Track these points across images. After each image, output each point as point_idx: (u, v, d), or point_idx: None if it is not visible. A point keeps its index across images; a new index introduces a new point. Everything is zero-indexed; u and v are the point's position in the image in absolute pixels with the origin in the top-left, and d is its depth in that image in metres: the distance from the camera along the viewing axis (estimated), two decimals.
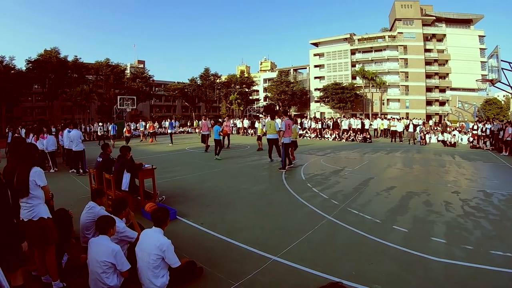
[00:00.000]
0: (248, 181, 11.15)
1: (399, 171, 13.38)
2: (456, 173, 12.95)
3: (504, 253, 5.28)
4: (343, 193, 9.31)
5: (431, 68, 68.57)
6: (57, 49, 51.80)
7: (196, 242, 5.83)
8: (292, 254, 5.27)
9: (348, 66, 74.18)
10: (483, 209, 7.84)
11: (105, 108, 54.74)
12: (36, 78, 50.79)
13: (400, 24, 69.41)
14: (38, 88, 55.69)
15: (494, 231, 6.40)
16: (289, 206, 8.14)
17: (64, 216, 5.04)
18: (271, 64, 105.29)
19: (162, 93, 78.47)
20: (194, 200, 8.63)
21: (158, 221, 4.35)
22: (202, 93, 71.44)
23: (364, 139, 26.91)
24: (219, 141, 16.39)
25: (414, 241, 5.80)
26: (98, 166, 8.42)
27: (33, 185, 4.02)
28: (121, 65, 62.03)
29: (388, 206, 8.09)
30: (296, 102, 75.05)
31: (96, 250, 4.13)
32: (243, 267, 4.82)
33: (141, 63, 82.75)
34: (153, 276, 4.08)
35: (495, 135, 21.37)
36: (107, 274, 4.03)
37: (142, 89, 62.18)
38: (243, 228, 6.55)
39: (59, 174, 13.02)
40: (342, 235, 6.17)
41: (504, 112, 60.89)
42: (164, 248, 4.10)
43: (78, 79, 54.84)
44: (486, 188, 10.10)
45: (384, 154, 18.71)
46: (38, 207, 4.10)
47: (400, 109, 66.61)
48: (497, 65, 19.52)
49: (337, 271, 4.70)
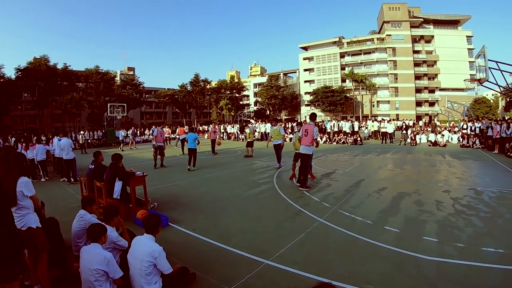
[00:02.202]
0: (240, 186, 11.13)
1: (390, 172, 13.46)
2: (447, 172, 13.07)
3: (496, 250, 5.34)
4: (334, 196, 9.35)
5: (420, 69, 69.23)
6: (46, 57, 51.61)
7: (188, 248, 5.82)
8: (284, 257, 5.27)
9: (338, 69, 74.61)
10: (474, 207, 7.92)
11: (96, 115, 54.42)
12: (25, 86, 50.44)
13: (388, 26, 70.06)
14: (28, 97, 55.28)
15: (485, 228, 6.47)
16: (281, 210, 8.15)
17: (51, 226, 5.00)
18: (261, 69, 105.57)
19: (153, 100, 78.36)
20: (186, 206, 8.60)
21: (149, 228, 4.33)
22: (192, 99, 71.48)
23: (355, 141, 27.04)
24: (194, 151, 14.73)
25: (406, 240, 5.84)
26: (90, 173, 8.37)
27: (21, 195, 3.98)
28: (111, 72, 61.86)
29: (379, 207, 8.14)
30: (286, 106, 75.24)
31: (88, 258, 4.09)
32: (236, 272, 4.82)
33: (131, 70, 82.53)
34: (146, 283, 4.06)
35: (484, 133, 21.60)
36: (99, 282, 3.99)
37: (132, 96, 62.01)
38: (235, 233, 6.55)
39: (50, 183, 12.91)
40: (334, 237, 6.19)
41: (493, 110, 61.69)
42: (156, 254, 4.08)
43: (68, 86, 54.50)
44: (477, 186, 10.21)
45: (375, 156, 18.81)
46: (27, 216, 4.07)
47: (390, 111, 67.05)
48: (485, 65, 19.77)
49: (330, 272, 4.72)
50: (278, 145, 14.55)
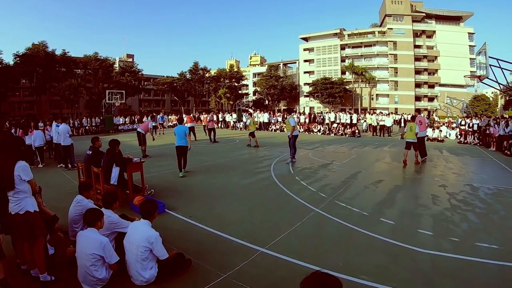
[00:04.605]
0: (237, 175, 11.14)
1: (387, 165, 13.48)
2: (443, 167, 13.09)
3: (490, 245, 5.38)
4: (331, 187, 9.38)
5: (420, 64, 68.95)
6: (45, 43, 50.91)
7: (184, 235, 5.84)
8: (280, 246, 5.30)
9: (338, 61, 74.17)
10: (470, 203, 7.95)
11: (94, 102, 54.04)
12: (23, 73, 49.83)
13: (390, 20, 69.62)
14: (26, 83, 54.70)
15: (480, 224, 6.50)
16: (278, 199, 8.19)
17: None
18: (261, 58, 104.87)
19: (151, 87, 77.89)
20: (183, 194, 8.62)
21: (146, 213, 4.35)
22: (191, 87, 70.97)
23: (353, 134, 27.07)
24: (184, 149, 11.08)
25: (402, 233, 5.87)
26: (87, 159, 8.36)
27: (18, 179, 3.96)
28: (109, 59, 61.26)
29: (375, 199, 8.18)
30: (285, 96, 74.77)
31: (84, 243, 4.11)
32: (232, 259, 4.85)
33: (130, 57, 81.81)
34: (142, 268, 4.09)
35: (483, 131, 21.61)
36: (95, 267, 4.02)
37: (131, 83, 61.48)
38: (232, 221, 6.58)
39: (47, 169, 12.87)
40: (330, 228, 6.22)
41: (492, 108, 61.68)
42: (152, 240, 4.11)
43: (66, 73, 53.90)
44: (473, 182, 10.23)
45: (373, 149, 18.83)
46: (25, 200, 4.06)
47: (389, 104, 66.91)
48: (485, 62, 19.70)
49: (325, 262, 4.75)
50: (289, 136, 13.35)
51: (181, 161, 11.03)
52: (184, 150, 11.00)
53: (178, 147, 10.94)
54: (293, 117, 13.60)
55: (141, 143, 15.22)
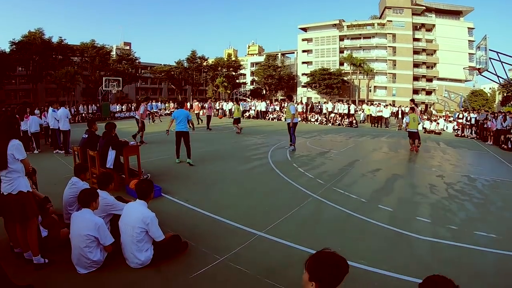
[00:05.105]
0: (234, 161, 11.10)
1: (385, 155, 13.47)
2: (440, 158, 13.11)
3: (487, 234, 5.37)
4: (328, 174, 9.36)
5: (419, 57, 68.80)
6: (41, 30, 50.42)
7: (181, 218, 5.78)
8: (277, 230, 5.26)
9: (336, 52, 73.93)
10: (468, 193, 7.96)
11: (90, 90, 53.71)
12: (20, 60, 49.31)
13: (389, 12, 69.31)
14: (22, 70, 54.22)
15: (478, 213, 6.52)
16: (275, 185, 8.16)
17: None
18: (259, 48, 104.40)
19: (148, 76, 77.40)
20: (180, 179, 8.55)
21: (142, 193, 4.27)
22: (188, 76, 70.63)
23: (350, 124, 27.09)
24: (186, 134, 10.26)
25: (400, 220, 5.85)
26: (83, 142, 8.25)
27: (11, 158, 3.86)
28: (106, 47, 60.74)
29: (373, 186, 8.16)
30: (283, 86, 74.54)
31: (79, 224, 4.03)
32: (228, 243, 4.80)
33: (127, 45, 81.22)
34: (137, 250, 4.02)
35: (480, 125, 21.62)
36: (90, 249, 3.94)
37: (128, 71, 61.16)
38: (228, 205, 6.53)
39: (43, 155, 12.71)
40: (328, 213, 6.20)
41: (490, 104, 61.65)
42: (148, 221, 4.03)
43: (62, 61, 53.46)
44: (471, 174, 10.23)
45: (370, 139, 18.81)
46: (18, 180, 3.96)
47: (386, 97, 66.84)
48: (485, 55, 19.61)
49: (323, 246, 4.62)
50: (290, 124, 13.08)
51: (179, 147, 10.34)
52: (185, 135, 10.19)
53: (178, 132, 10.17)
54: (294, 105, 13.44)
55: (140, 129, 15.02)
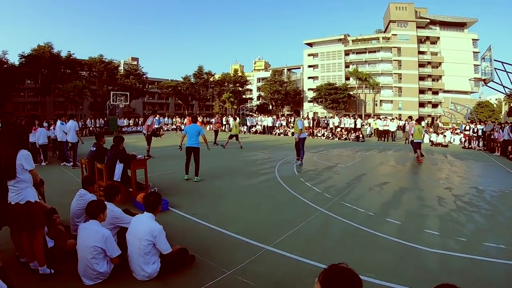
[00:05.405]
0: (241, 176, 11.08)
1: (392, 168, 13.39)
2: (448, 170, 13.02)
3: (497, 245, 5.31)
4: (336, 188, 9.31)
5: (424, 70, 68.90)
6: (50, 44, 51.27)
7: (188, 232, 5.76)
8: (285, 244, 5.22)
9: (342, 66, 74.28)
10: (476, 204, 7.89)
11: (98, 104, 54.35)
12: (29, 73, 50.16)
13: (394, 26, 69.68)
14: (30, 83, 55.07)
15: (487, 224, 6.45)
16: (282, 199, 8.12)
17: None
18: (265, 63, 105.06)
19: (155, 91, 78.14)
20: (187, 193, 8.55)
21: (150, 205, 4.27)
22: (195, 91, 71.18)
23: (357, 138, 27.04)
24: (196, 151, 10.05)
25: (408, 233, 5.78)
26: (91, 155, 8.30)
27: (20, 168, 3.89)
28: (114, 62, 61.51)
29: (381, 200, 8.11)
30: (289, 101, 74.86)
31: (86, 235, 4.03)
32: (236, 256, 4.77)
33: (135, 60, 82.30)
34: (144, 263, 4.01)
35: (487, 136, 21.51)
36: (96, 260, 3.93)
37: (135, 86, 61.74)
38: (236, 219, 6.51)
39: (51, 167, 12.81)
40: (335, 227, 6.15)
41: (496, 115, 61.34)
42: (156, 233, 4.03)
43: (71, 75, 54.22)
44: (479, 185, 10.16)
45: (377, 152, 18.75)
46: (26, 190, 3.98)
47: (392, 110, 66.76)
48: (490, 65, 19.60)
49: (330, 260, 4.60)
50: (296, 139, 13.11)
51: (189, 162, 10.12)
52: (195, 151, 9.97)
53: (188, 147, 9.98)
54: (301, 120, 13.42)
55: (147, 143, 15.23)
